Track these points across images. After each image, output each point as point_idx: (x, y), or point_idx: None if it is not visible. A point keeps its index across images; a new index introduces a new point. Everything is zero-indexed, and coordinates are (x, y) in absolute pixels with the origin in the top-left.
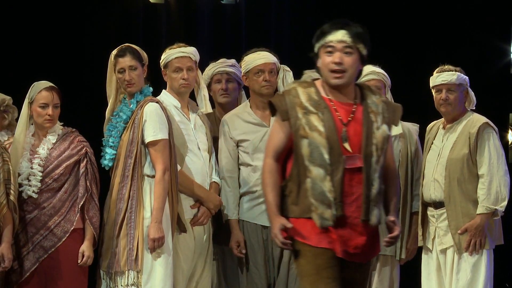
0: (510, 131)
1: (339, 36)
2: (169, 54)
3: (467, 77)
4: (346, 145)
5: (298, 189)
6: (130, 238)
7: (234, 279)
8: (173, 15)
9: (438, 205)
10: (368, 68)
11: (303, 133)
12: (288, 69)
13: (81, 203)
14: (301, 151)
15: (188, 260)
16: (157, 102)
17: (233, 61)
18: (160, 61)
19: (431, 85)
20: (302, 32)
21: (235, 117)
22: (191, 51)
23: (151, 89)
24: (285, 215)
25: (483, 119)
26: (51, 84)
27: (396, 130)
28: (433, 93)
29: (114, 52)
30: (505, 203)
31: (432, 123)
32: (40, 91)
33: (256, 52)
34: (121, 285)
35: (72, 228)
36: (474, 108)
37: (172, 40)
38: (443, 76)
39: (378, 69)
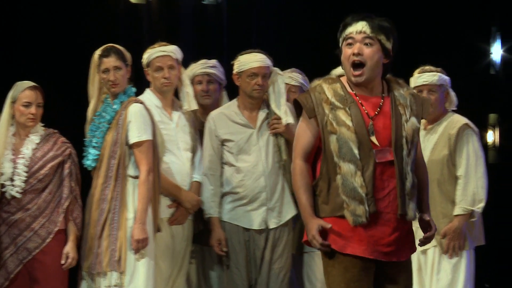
0: (489, 131)
1: (359, 27)
2: (150, 54)
3: (448, 78)
4: (373, 139)
5: (328, 187)
6: (112, 239)
7: (214, 279)
8: (155, 15)
9: None
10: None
11: (331, 129)
12: (281, 72)
13: (66, 204)
14: (330, 147)
15: (166, 259)
16: (141, 103)
17: (214, 62)
18: (142, 60)
19: (412, 85)
20: (284, 33)
21: (222, 116)
22: (172, 50)
23: (134, 89)
24: (316, 216)
25: (463, 120)
26: (34, 83)
27: None
28: None
29: (98, 52)
30: (482, 204)
31: None
32: (24, 90)
33: (252, 54)
34: (104, 286)
35: (56, 229)
36: (456, 108)
37: (153, 40)
38: (425, 77)
39: None
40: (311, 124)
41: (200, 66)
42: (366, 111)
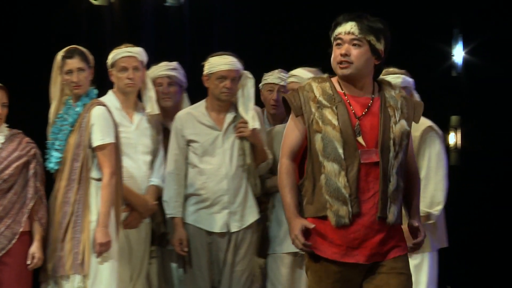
0: (451, 133)
1: (347, 27)
2: (115, 54)
3: (412, 80)
4: (360, 139)
5: (313, 188)
6: (75, 242)
7: (176, 281)
8: (117, 16)
9: None
10: (302, 73)
11: (316, 128)
12: (251, 76)
13: (31, 205)
14: (315, 146)
15: (123, 263)
16: (103, 105)
17: (175, 64)
18: (107, 61)
19: None
20: (245, 35)
21: (189, 116)
22: (138, 51)
23: (96, 91)
24: (301, 217)
25: (427, 122)
26: None
27: None
28: None
29: (61, 53)
30: (439, 207)
31: None
32: None
33: (223, 56)
34: None
35: (21, 230)
36: None
37: (115, 41)
38: (389, 79)
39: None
40: (298, 123)
41: (161, 68)
42: (353, 111)
